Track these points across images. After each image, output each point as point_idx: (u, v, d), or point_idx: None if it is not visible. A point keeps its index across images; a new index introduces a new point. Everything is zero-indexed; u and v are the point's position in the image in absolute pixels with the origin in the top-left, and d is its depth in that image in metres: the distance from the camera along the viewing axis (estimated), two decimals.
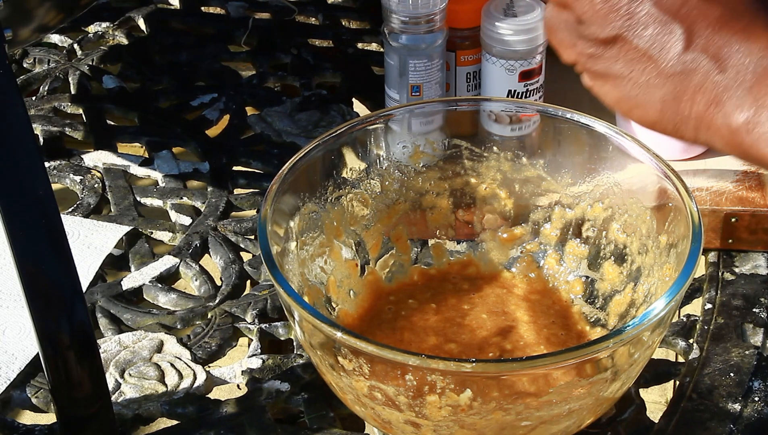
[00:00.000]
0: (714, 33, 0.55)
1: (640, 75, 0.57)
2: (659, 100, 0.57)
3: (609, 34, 0.57)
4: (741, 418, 0.74)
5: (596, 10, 0.57)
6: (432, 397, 0.64)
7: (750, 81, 0.54)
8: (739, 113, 0.54)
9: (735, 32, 0.55)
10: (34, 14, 0.78)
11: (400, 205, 0.82)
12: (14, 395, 0.79)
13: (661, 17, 0.56)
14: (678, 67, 0.56)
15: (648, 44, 0.56)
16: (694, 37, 0.55)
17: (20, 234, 0.65)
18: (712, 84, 0.55)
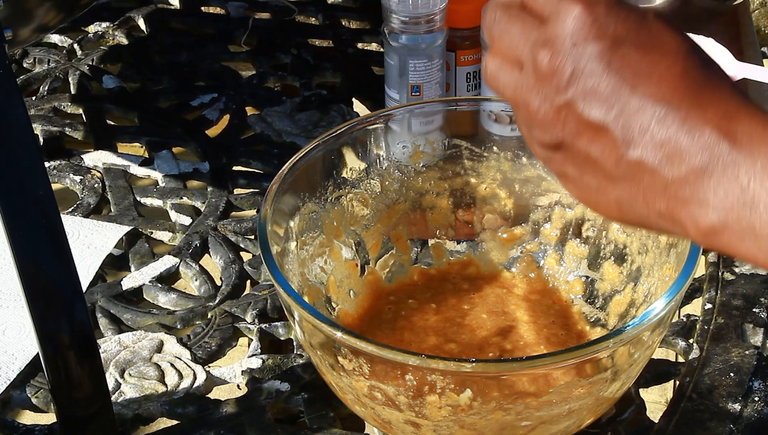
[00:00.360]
0: (652, 131, 0.51)
1: (590, 179, 0.54)
2: (615, 202, 0.54)
3: (551, 141, 0.55)
4: (741, 418, 0.74)
5: (533, 117, 0.55)
6: (432, 397, 0.64)
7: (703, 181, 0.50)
8: (704, 217, 0.51)
9: (674, 128, 0.51)
10: (34, 14, 0.78)
11: (400, 205, 0.82)
12: (14, 395, 0.79)
13: (591, 122, 0.53)
14: (622, 171, 0.52)
15: (588, 150, 0.53)
16: (630, 138, 0.52)
17: (20, 234, 0.65)
18: (663, 185, 0.51)
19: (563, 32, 0.53)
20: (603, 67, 0.52)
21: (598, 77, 0.52)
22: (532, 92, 0.54)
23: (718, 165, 0.50)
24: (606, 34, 0.53)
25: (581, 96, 0.53)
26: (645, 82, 0.52)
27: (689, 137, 0.51)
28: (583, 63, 0.53)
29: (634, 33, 0.53)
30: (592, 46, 0.53)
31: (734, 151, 0.50)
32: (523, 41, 0.55)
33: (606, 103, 0.52)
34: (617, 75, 0.52)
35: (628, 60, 0.52)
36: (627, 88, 0.52)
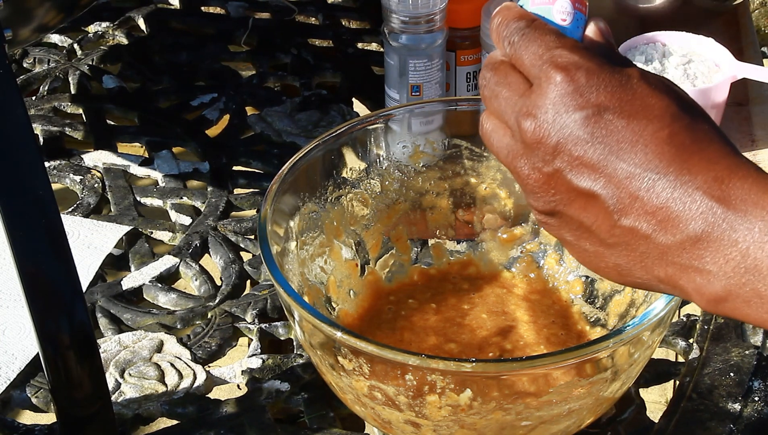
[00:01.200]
0: (642, 198, 0.51)
1: (587, 244, 0.54)
2: (614, 266, 0.53)
3: (545, 208, 0.54)
4: (741, 418, 0.74)
5: (524, 184, 0.54)
6: (432, 397, 0.64)
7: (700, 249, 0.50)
8: (707, 285, 0.50)
9: (667, 196, 0.50)
10: (34, 14, 0.78)
11: (400, 205, 0.82)
12: (14, 395, 0.79)
13: (580, 190, 0.52)
14: (617, 238, 0.52)
15: (580, 218, 0.53)
16: (621, 206, 0.51)
17: (20, 234, 0.65)
18: (660, 253, 0.51)
19: (545, 102, 0.53)
20: (588, 136, 0.52)
21: (583, 146, 0.52)
22: (522, 159, 0.54)
23: (715, 231, 0.49)
24: (588, 102, 0.52)
25: (568, 165, 0.52)
26: (631, 150, 0.51)
27: (681, 204, 0.50)
28: (567, 133, 0.52)
29: (617, 98, 0.52)
30: (574, 115, 0.52)
31: (729, 215, 0.49)
32: (509, 108, 0.55)
33: (594, 171, 0.52)
34: (602, 143, 0.51)
35: (613, 127, 0.51)
36: (613, 156, 0.51)
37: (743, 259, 0.49)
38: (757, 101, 1.02)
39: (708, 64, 0.94)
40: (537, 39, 0.55)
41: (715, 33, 1.00)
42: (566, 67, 0.53)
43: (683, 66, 0.94)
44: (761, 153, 0.96)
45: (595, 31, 0.57)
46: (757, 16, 2.13)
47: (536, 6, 0.57)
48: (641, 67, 0.55)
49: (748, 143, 0.97)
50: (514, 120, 0.54)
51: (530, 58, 0.54)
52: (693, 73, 0.93)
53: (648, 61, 0.94)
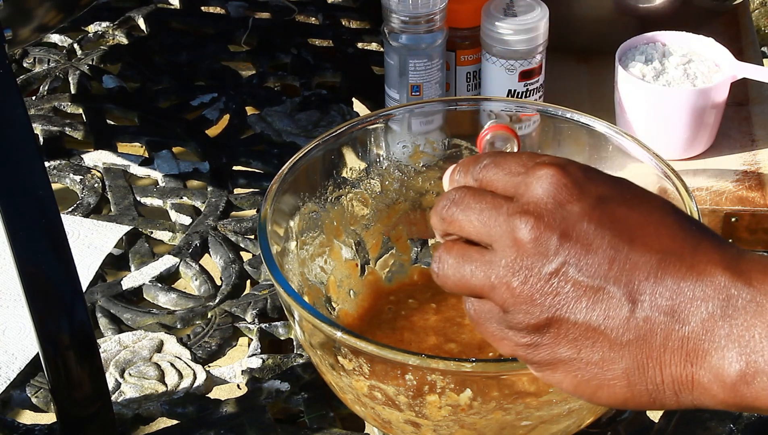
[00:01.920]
0: (658, 283, 0.48)
1: (591, 353, 0.49)
2: (623, 374, 0.49)
3: (540, 319, 0.50)
4: (741, 417, 0.74)
5: (516, 296, 0.50)
6: (432, 397, 0.64)
7: (723, 327, 0.47)
8: (729, 367, 0.47)
9: (682, 276, 0.48)
10: (34, 14, 0.78)
11: (400, 204, 0.82)
12: (14, 395, 0.79)
13: (590, 283, 0.49)
14: (632, 333, 0.48)
15: (587, 317, 0.49)
16: (637, 295, 0.48)
17: (20, 234, 0.65)
18: (678, 341, 0.48)
19: (543, 195, 0.50)
20: (594, 226, 0.49)
21: (591, 236, 0.49)
22: (511, 270, 0.50)
23: (738, 305, 0.47)
24: (588, 192, 0.50)
25: (575, 258, 0.49)
26: (642, 235, 0.49)
27: (701, 284, 0.48)
28: (572, 223, 0.49)
29: (616, 190, 0.50)
30: (578, 204, 0.49)
31: (751, 289, 0.47)
32: (493, 219, 0.51)
33: (604, 261, 0.49)
34: (611, 231, 0.49)
35: (618, 215, 0.49)
36: (624, 243, 0.49)
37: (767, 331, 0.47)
38: (757, 101, 1.02)
39: (708, 64, 0.94)
40: (513, 157, 0.53)
41: (715, 33, 1.00)
42: (557, 163, 0.51)
43: (683, 66, 0.94)
44: (761, 153, 0.96)
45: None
46: (757, 16, 2.13)
47: None
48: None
49: (748, 143, 0.97)
50: (502, 226, 0.51)
51: (510, 170, 0.52)
52: (693, 73, 0.94)
53: (648, 61, 0.94)
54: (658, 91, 0.92)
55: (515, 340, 0.51)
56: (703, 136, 0.94)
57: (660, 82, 0.93)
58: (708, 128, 0.94)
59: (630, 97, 0.93)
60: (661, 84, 0.93)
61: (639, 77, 0.93)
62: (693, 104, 0.91)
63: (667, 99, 0.92)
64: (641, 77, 0.93)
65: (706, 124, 0.93)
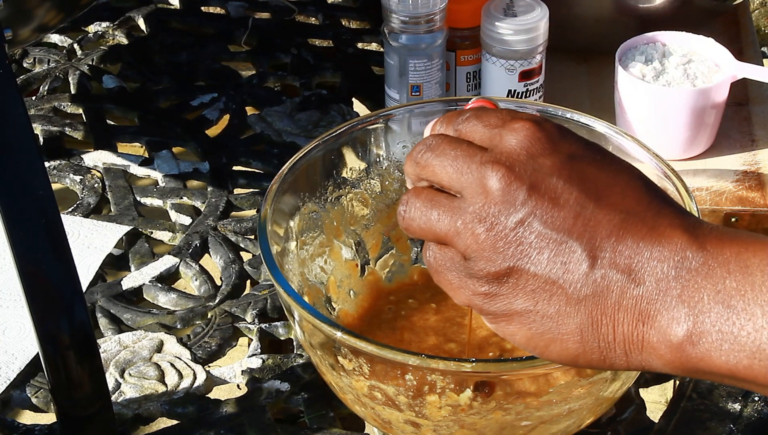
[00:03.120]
0: (618, 242, 0.49)
1: (547, 306, 0.50)
2: (576, 329, 0.50)
3: (501, 267, 0.50)
4: (741, 418, 0.74)
5: (480, 242, 0.51)
6: (432, 397, 0.64)
7: (676, 287, 0.48)
8: (677, 326, 0.48)
9: (642, 237, 0.49)
10: (34, 14, 0.78)
11: None
12: (14, 395, 0.79)
13: (554, 236, 0.49)
14: (588, 289, 0.49)
15: (547, 270, 0.50)
16: (597, 252, 0.49)
17: (20, 234, 0.65)
18: (632, 299, 0.49)
19: (516, 147, 0.51)
20: (563, 181, 0.50)
21: (559, 190, 0.50)
22: (477, 217, 0.51)
23: (691, 267, 0.48)
24: (560, 149, 0.51)
25: (541, 211, 0.50)
26: (608, 195, 0.50)
27: (659, 245, 0.49)
28: (541, 176, 0.50)
29: (588, 151, 0.52)
30: (549, 158, 0.51)
31: (705, 253, 0.48)
32: (465, 166, 0.52)
33: (569, 216, 0.50)
34: (578, 188, 0.50)
35: (588, 173, 0.51)
36: (591, 200, 0.50)
37: (717, 294, 0.48)
38: (757, 101, 1.02)
39: (708, 64, 0.95)
40: (493, 112, 0.54)
41: (715, 33, 1.00)
42: (533, 119, 0.52)
43: (683, 66, 0.94)
44: (761, 153, 0.96)
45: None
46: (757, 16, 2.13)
47: None
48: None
49: (748, 143, 0.97)
50: (474, 173, 0.51)
51: (489, 123, 0.53)
52: (693, 73, 0.94)
53: (648, 61, 0.94)
54: (658, 91, 0.92)
55: (473, 289, 0.52)
56: (703, 136, 0.94)
57: (660, 82, 0.93)
58: (708, 128, 0.94)
59: (630, 97, 0.93)
60: (661, 84, 0.93)
61: (639, 77, 0.93)
62: (693, 104, 0.91)
63: (667, 99, 0.92)
64: (641, 77, 0.93)
65: (706, 124, 0.93)
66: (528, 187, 0.50)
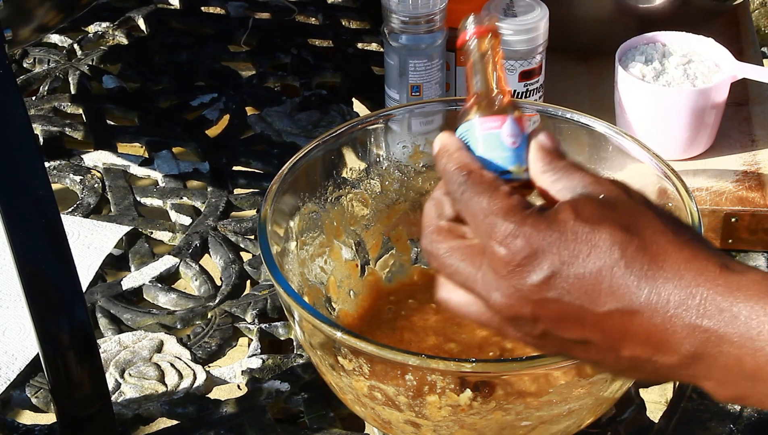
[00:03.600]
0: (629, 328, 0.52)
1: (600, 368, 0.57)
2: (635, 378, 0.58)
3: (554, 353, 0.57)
4: (741, 418, 0.74)
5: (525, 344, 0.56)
6: (432, 397, 0.64)
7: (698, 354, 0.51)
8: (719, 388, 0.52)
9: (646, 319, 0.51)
10: (34, 14, 0.78)
11: (400, 205, 0.82)
12: (14, 395, 0.79)
13: (576, 341, 0.53)
14: (624, 365, 0.53)
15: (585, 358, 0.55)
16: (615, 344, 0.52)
17: (20, 234, 0.65)
18: (666, 367, 0.52)
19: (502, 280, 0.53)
20: (555, 297, 0.52)
21: (555, 308, 0.52)
22: (509, 327, 0.55)
23: (707, 349, 0.50)
24: (540, 267, 0.52)
25: (552, 326, 0.53)
26: (598, 294, 0.52)
27: (666, 332, 0.51)
28: (535, 300, 0.53)
29: (563, 254, 0.52)
30: (533, 284, 0.52)
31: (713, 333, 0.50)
32: (470, 284, 0.55)
33: (577, 323, 0.52)
34: (571, 298, 0.52)
35: (573, 281, 0.52)
36: (586, 305, 0.52)
37: (741, 369, 0.50)
38: (757, 101, 1.02)
39: (708, 64, 0.94)
40: (474, 201, 0.55)
41: (715, 33, 1.00)
42: (505, 241, 0.53)
43: (683, 66, 0.94)
44: (761, 153, 0.96)
45: (539, 149, 0.58)
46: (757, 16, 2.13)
47: (485, 131, 0.58)
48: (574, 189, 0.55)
49: (748, 143, 0.97)
50: (482, 295, 0.55)
51: (473, 222, 0.55)
52: (693, 73, 0.93)
53: (648, 61, 0.94)
54: (658, 91, 0.92)
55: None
56: (703, 136, 0.94)
57: (660, 83, 0.93)
58: (708, 128, 0.94)
59: (630, 97, 0.93)
60: (661, 84, 0.93)
61: (639, 77, 0.93)
62: (693, 104, 0.91)
63: (667, 99, 0.92)
64: (641, 77, 0.93)
65: (706, 124, 0.93)
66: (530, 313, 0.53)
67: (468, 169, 0.56)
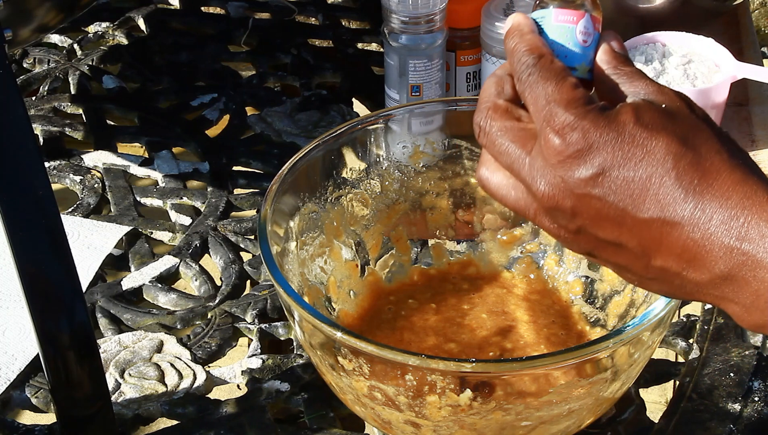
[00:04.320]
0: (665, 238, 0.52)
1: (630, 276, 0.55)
2: (659, 291, 0.55)
3: (581, 252, 0.56)
4: (741, 418, 0.74)
5: (556, 238, 0.56)
6: (432, 397, 0.64)
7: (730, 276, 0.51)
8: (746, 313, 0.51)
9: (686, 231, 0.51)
10: (34, 14, 0.78)
11: (400, 205, 0.82)
12: (14, 395, 0.79)
13: (609, 242, 0.54)
14: (653, 274, 0.53)
15: (615, 261, 0.55)
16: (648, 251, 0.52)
17: (20, 234, 0.65)
18: (694, 284, 0.52)
19: (551, 169, 0.53)
20: (600, 195, 0.52)
21: (597, 205, 0.52)
22: (545, 217, 0.55)
23: (740, 271, 0.50)
24: (591, 163, 0.52)
25: (589, 223, 0.53)
26: (643, 200, 0.52)
27: (702, 247, 0.51)
28: (579, 194, 0.53)
29: (617, 153, 0.52)
30: (581, 179, 0.52)
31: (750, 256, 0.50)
32: (518, 166, 0.55)
33: (614, 225, 0.53)
34: (615, 199, 0.52)
35: (620, 183, 0.52)
36: (628, 208, 0.52)
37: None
38: (757, 101, 1.02)
39: (708, 64, 0.94)
40: (539, 86, 0.55)
41: (715, 33, 1.00)
42: (561, 129, 0.53)
43: (683, 66, 0.94)
44: (761, 153, 0.96)
45: (608, 51, 0.57)
46: (757, 16, 2.13)
47: (559, 23, 0.57)
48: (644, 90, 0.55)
49: (748, 143, 0.97)
50: (526, 181, 0.55)
51: (533, 106, 0.55)
52: (693, 73, 0.93)
53: (648, 61, 0.94)
54: None
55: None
56: None
57: (660, 83, 0.93)
58: None
59: None
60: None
61: None
62: None
63: None
64: None
65: None
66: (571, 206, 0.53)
67: (539, 52, 0.56)
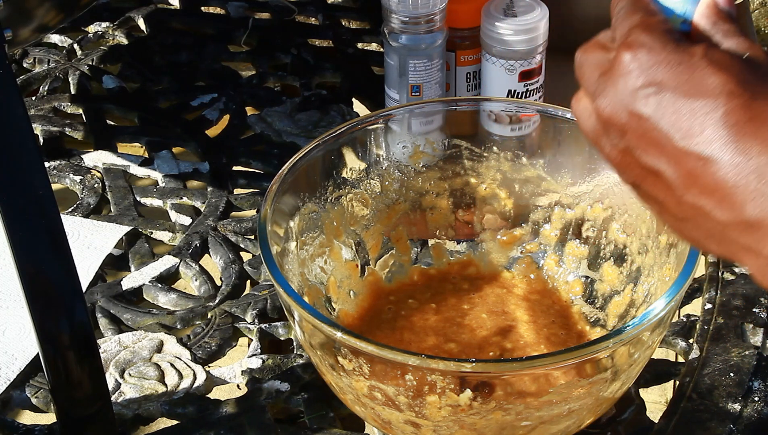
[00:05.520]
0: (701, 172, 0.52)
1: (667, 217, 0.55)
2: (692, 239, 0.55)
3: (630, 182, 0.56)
4: (741, 418, 0.74)
5: (611, 162, 0.57)
6: (432, 397, 0.64)
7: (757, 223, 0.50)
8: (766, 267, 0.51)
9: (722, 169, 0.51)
10: (34, 14, 0.78)
11: (400, 205, 0.82)
12: (14, 395, 0.79)
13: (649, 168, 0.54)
14: (685, 213, 0.53)
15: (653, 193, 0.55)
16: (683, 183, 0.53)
17: (20, 234, 0.65)
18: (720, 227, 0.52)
19: (613, 82, 0.54)
20: (649, 113, 0.53)
21: (645, 124, 0.53)
22: (603, 138, 0.56)
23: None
24: (649, 80, 0.53)
25: (635, 142, 0.54)
26: (688, 129, 0.52)
27: (736, 187, 0.50)
28: (631, 110, 0.53)
29: (676, 77, 0.53)
30: (636, 93, 0.53)
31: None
32: (591, 87, 0.57)
33: (657, 149, 0.53)
34: (662, 121, 0.52)
35: (671, 106, 0.52)
36: (672, 134, 0.52)
37: None
38: None
39: None
40: (629, 16, 0.56)
41: None
42: (632, 45, 0.54)
43: None
44: None
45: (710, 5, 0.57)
46: (757, 16, 2.13)
47: None
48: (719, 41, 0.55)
49: None
50: (594, 98, 0.56)
51: (619, 31, 0.56)
52: None
53: None
54: None
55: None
56: None
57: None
58: None
59: None
60: None
61: None
62: None
63: None
64: None
65: None
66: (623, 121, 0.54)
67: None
